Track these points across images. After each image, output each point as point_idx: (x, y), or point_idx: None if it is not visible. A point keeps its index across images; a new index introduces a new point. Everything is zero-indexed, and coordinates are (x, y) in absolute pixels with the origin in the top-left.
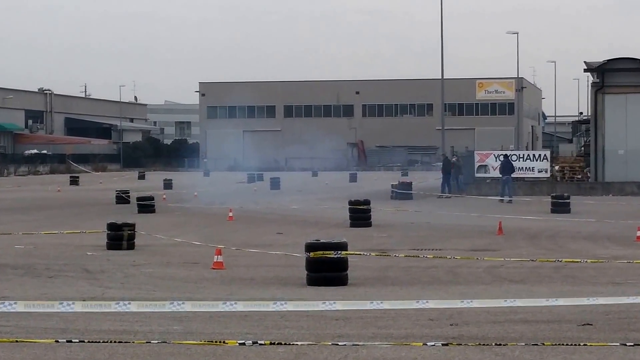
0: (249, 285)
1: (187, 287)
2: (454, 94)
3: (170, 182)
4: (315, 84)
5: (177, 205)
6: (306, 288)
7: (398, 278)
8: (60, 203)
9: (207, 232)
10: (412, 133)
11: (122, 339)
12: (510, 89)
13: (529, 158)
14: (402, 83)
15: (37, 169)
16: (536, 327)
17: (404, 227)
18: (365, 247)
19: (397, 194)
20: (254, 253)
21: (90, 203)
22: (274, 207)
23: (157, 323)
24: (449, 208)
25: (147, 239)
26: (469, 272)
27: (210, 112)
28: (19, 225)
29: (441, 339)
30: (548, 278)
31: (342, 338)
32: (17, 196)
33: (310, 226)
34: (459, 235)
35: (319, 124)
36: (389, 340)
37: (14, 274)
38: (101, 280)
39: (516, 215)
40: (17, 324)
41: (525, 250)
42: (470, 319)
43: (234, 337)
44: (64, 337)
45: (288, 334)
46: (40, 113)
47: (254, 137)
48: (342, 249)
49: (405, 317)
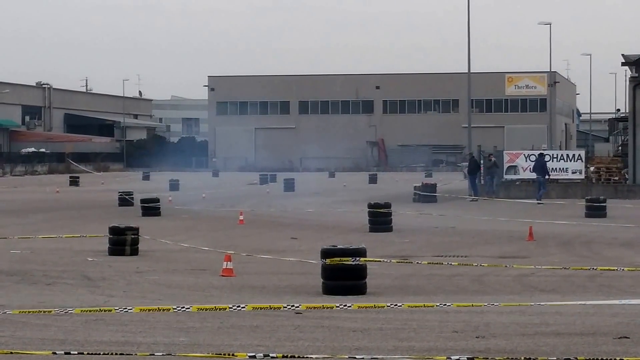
0: (260, 293)
1: (194, 296)
2: (482, 89)
3: (177, 183)
4: (333, 78)
5: (184, 207)
6: (322, 297)
7: (420, 287)
8: (59, 205)
9: (216, 237)
10: (436, 131)
11: (123, 350)
12: (542, 84)
13: (563, 158)
14: (425, 77)
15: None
16: (569, 340)
17: (427, 232)
18: (385, 253)
19: (420, 196)
20: (266, 259)
21: (91, 205)
22: (288, 211)
23: (162, 334)
24: (476, 212)
25: (152, 244)
26: (496, 281)
27: (220, 108)
28: (15, 229)
29: (466, 353)
30: (582, 287)
31: (360, 351)
32: (13, 198)
33: (327, 231)
34: (486, 241)
35: (336, 121)
36: (410, 353)
37: (9, 281)
38: (102, 288)
39: (548, 219)
40: (13, 334)
41: (557, 257)
42: (497, 331)
43: (244, 349)
44: (62, 348)
45: (302, 347)
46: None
47: (267, 135)
48: (361, 256)
49: (427, 329)
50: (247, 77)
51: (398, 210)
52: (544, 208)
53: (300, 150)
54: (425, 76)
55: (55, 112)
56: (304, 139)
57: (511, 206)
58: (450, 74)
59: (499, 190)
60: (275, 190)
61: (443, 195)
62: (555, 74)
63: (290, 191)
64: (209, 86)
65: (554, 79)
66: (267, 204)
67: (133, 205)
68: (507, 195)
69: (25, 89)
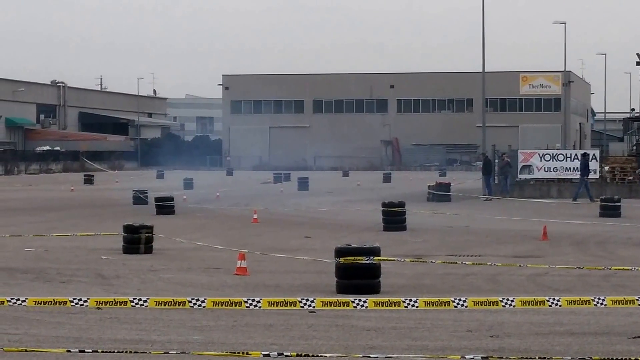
0: (274, 292)
1: (208, 294)
2: (496, 88)
3: (191, 181)
4: (347, 77)
5: (198, 206)
6: (336, 296)
7: (434, 286)
8: (74, 203)
9: (230, 236)
10: (450, 130)
11: (138, 349)
12: (556, 83)
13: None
14: (440, 76)
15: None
16: (583, 340)
17: (441, 232)
18: (399, 252)
19: (434, 195)
20: (280, 258)
21: (105, 204)
22: (302, 209)
23: (176, 332)
24: (490, 211)
25: (166, 243)
26: (510, 280)
27: (234, 106)
28: (30, 227)
29: (480, 352)
30: (596, 287)
31: (374, 350)
32: (28, 196)
33: (341, 230)
34: (500, 241)
35: (350, 120)
36: (424, 352)
37: (23, 279)
38: (116, 287)
39: (562, 219)
40: (27, 331)
41: (571, 257)
42: (511, 330)
43: (258, 347)
44: (76, 346)
45: (316, 345)
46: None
47: (281, 133)
48: (375, 255)
49: (441, 328)
50: (262, 76)
51: (412, 210)
52: (558, 207)
53: (314, 149)
54: (439, 75)
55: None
56: (317, 138)
57: (525, 206)
58: (464, 73)
59: (512, 189)
60: (289, 189)
61: (457, 195)
62: (569, 74)
63: (304, 190)
64: (224, 85)
65: (568, 79)
66: (281, 203)
67: (147, 204)
68: (521, 194)
69: (40, 87)
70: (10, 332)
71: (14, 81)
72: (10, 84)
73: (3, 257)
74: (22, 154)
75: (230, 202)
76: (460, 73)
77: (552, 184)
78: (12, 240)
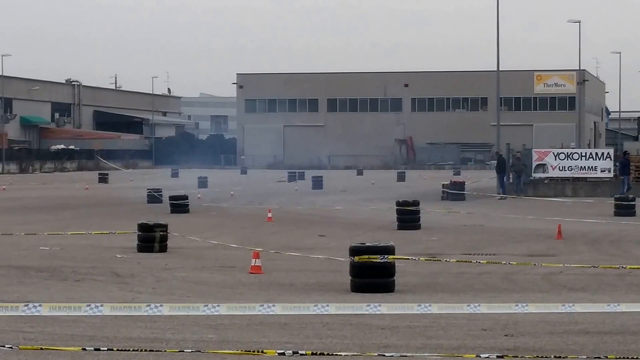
0: (288, 291)
1: (222, 293)
2: (511, 87)
3: (206, 180)
4: (361, 76)
5: (212, 205)
6: (350, 295)
7: (449, 285)
8: (89, 202)
9: (245, 234)
10: (465, 129)
11: (153, 347)
12: (571, 82)
13: (591, 157)
14: (454, 75)
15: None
16: (598, 339)
17: (456, 230)
18: (413, 251)
19: (449, 194)
20: (294, 257)
21: (120, 202)
22: (316, 208)
23: (191, 331)
24: (504, 210)
25: (181, 241)
26: (525, 279)
27: (249, 105)
28: (45, 225)
29: (495, 351)
30: (611, 286)
31: (389, 349)
32: (43, 194)
33: (355, 228)
34: (514, 240)
35: (364, 119)
36: (439, 351)
37: (38, 277)
38: (131, 285)
39: (577, 218)
40: (42, 330)
41: (586, 255)
42: (526, 329)
43: (273, 346)
44: (92, 344)
45: (331, 344)
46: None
47: (295, 132)
48: (389, 253)
49: (456, 327)
50: (276, 75)
51: (426, 208)
52: (573, 206)
53: (328, 148)
54: (453, 74)
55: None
56: (332, 136)
57: (540, 204)
58: (478, 72)
59: (526, 188)
60: (303, 188)
61: (471, 194)
62: (584, 72)
63: (318, 189)
64: (238, 84)
65: (583, 77)
66: (295, 202)
67: (162, 202)
68: (535, 193)
69: (55, 86)
70: (25, 330)
71: (29, 80)
72: (25, 82)
73: (18, 255)
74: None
75: (245, 201)
76: (474, 72)
77: (566, 183)
78: (27, 239)
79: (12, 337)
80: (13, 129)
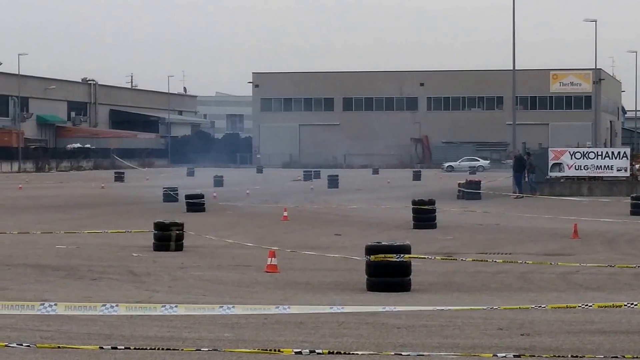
0: (304, 289)
1: (238, 292)
2: (526, 86)
3: (221, 179)
4: (377, 75)
5: (228, 204)
6: (366, 294)
7: (464, 284)
8: (105, 201)
9: (260, 233)
10: (480, 128)
11: (169, 345)
12: (587, 81)
13: (608, 156)
14: (470, 74)
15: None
16: (614, 339)
17: (471, 230)
18: (429, 250)
19: (464, 193)
20: (310, 255)
21: (136, 201)
22: (332, 207)
23: (207, 329)
24: (520, 209)
25: (197, 240)
26: (541, 279)
27: (264, 104)
28: (61, 224)
29: (512, 350)
30: (627, 285)
31: (406, 348)
32: (59, 193)
33: (371, 227)
34: (530, 239)
35: (380, 118)
36: (455, 350)
37: (55, 276)
38: (147, 284)
39: (593, 217)
40: (59, 328)
41: (602, 255)
42: (542, 328)
43: (289, 345)
44: (109, 343)
45: (347, 343)
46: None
47: (311, 131)
48: (405, 252)
49: (472, 326)
50: (291, 74)
51: (442, 207)
52: (589, 206)
53: (344, 147)
54: (469, 73)
55: (100, 108)
56: (347, 135)
57: (556, 204)
58: (494, 70)
59: (538, 187)
60: (319, 187)
61: (487, 193)
62: (600, 71)
63: (334, 188)
64: (253, 83)
65: (599, 76)
66: (311, 201)
67: (178, 201)
68: (551, 192)
69: (71, 85)
70: (42, 329)
71: (45, 79)
72: (41, 81)
73: (34, 254)
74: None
75: (260, 200)
76: (490, 71)
77: (582, 182)
78: (44, 237)
79: (29, 336)
80: (29, 127)
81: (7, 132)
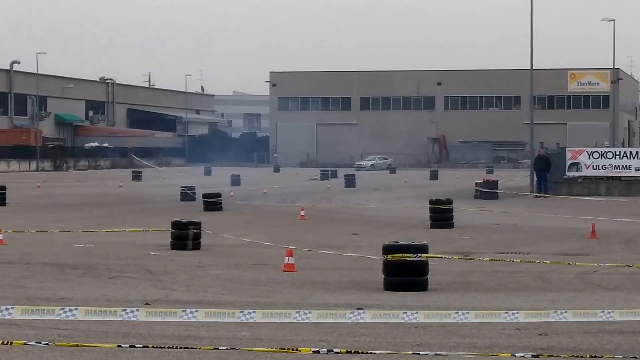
0: (321, 289)
1: (256, 291)
2: (544, 85)
3: (238, 178)
4: (394, 74)
5: (245, 203)
6: (383, 293)
7: (482, 283)
8: (122, 199)
9: (277, 232)
10: (498, 127)
11: (187, 344)
12: (605, 81)
13: (625, 156)
14: (487, 74)
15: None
16: (633, 339)
17: (489, 229)
18: (446, 249)
19: (482, 193)
20: (327, 255)
21: (153, 200)
22: (349, 206)
23: (225, 328)
24: (538, 209)
25: (214, 239)
26: (559, 278)
27: (282, 103)
28: (79, 223)
29: (530, 350)
30: None
31: (423, 347)
32: (77, 192)
33: (388, 227)
34: (548, 239)
35: (397, 117)
36: (473, 350)
37: (73, 274)
38: (165, 282)
39: (611, 217)
40: (77, 327)
41: (620, 255)
42: (560, 328)
43: (306, 344)
44: (126, 341)
45: (364, 342)
46: (102, 104)
47: (328, 130)
48: (423, 252)
49: (490, 326)
50: (309, 73)
51: (459, 207)
52: (607, 205)
53: (361, 146)
54: (486, 72)
55: (118, 107)
56: (364, 134)
57: (573, 203)
58: (512, 70)
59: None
60: (336, 186)
61: (505, 192)
62: (618, 71)
63: (351, 187)
64: (271, 82)
65: (617, 76)
66: (328, 200)
67: (195, 200)
68: (569, 192)
69: (89, 84)
70: (59, 327)
71: (63, 78)
72: (59, 80)
73: (52, 252)
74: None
75: (277, 199)
76: (507, 70)
77: (600, 182)
78: (62, 236)
79: (47, 334)
80: (47, 126)
81: (25, 131)
